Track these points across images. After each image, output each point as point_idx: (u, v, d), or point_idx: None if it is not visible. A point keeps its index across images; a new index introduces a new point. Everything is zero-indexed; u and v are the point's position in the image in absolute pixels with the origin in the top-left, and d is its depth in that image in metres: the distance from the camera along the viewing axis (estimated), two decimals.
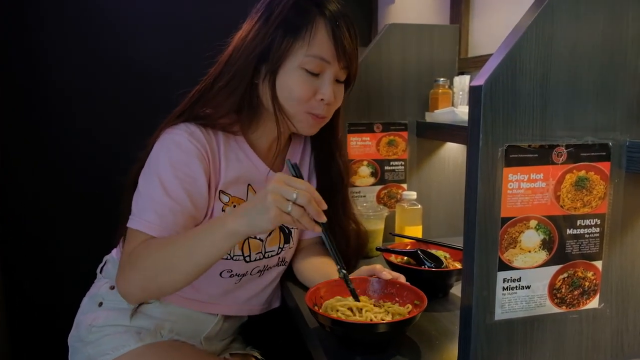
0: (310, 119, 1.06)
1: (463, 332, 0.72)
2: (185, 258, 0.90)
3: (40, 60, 1.95)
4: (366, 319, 0.91)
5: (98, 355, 1.07)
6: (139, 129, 1.15)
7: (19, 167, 1.97)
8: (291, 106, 1.04)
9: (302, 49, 1.01)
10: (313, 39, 1.00)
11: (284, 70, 1.02)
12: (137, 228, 0.98)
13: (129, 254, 0.96)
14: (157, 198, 0.98)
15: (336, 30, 1.01)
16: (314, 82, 1.03)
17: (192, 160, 1.01)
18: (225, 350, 1.24)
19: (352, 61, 1.05)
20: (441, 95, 1.42)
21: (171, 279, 0.93)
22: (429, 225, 1.53)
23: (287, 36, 1.00)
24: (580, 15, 0.67)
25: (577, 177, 0.71)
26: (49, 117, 1.98)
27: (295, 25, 1.00)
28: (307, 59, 1.01)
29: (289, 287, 1.21)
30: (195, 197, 1.01)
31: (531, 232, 0.70)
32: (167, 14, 2.05)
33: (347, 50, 1.03)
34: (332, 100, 1.05)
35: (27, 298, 2.03)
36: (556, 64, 0.67)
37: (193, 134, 1.02)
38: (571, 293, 0.74)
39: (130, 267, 0.95)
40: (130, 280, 0.95)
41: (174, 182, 0.99)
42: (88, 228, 1.98)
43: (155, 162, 1.02)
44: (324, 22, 1.01)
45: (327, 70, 1.03)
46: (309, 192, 0.84)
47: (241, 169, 1.09)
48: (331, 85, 1.04)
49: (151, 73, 2.03)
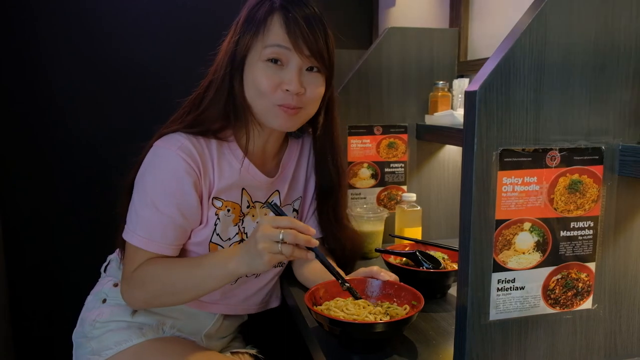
0: (281, 111, 1.05)
1: (458, 332, 0.73)
2: (189, 289, 1.02)
3: (38, 62, 1.97)
4: (364, 319, 0.92)
5: (102, 349, 1.09)
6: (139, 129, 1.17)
7: (20, 168, 1.99)
8: (259, 101, 1.06)
9: (260, 42, 1.04)
10: (268, 30, 1.03)
11: (248, 66, 1.06)
12: (136, 244, 1.04)
13: (132, 271, 1.04)
14: (149, 214, 1.03)
15: (288, 20, 1.02)
16: (278, 73, 1.04)
17: (181, 175, 1.04)
18: (226, 349, 1.26)
19: (315, 50, 1.04)
20: (440, 98, 1.44)
21: (173, 300, 1.07)
22: (429, 226, 1.54)
23: (247, 34, 1.04)
24: (574, 21, 0.68)
25: (571, 180, 0.72)
26: (48, 118, 2.00)
27: (253, 23, 1.04)
28: (266, 50, 1.03)
29: (289, 287, 1.23)
30: (185, 210, 1.05)
31: (525, 234, 0.71)
32: (168, 15, 2.06)
33: (306, 37, 1.03)
34: (299, 90, 1.04)
35: (31, 298, 2.05)
36: (550, 69, 0.69)
37: (183, 147, 1.04)
38: (565, 294, 0.75)
39: (134, 286, 1.05)
40: (136, 297, 1.06)
41: (164, 199, 1.03)
42: (90, 229, 2.01)
43: (146, 177, 1.05)
44: (278, 13, 1.04)
45: (291, 60, 1.04)
46: (294, 226, 0.91)
47: (234, 175, 1.11)
48: (297, 75, 1.03)
49: (151, 75, 2.05)
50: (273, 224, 0.91)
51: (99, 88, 2.02)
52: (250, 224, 1.15)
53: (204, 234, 1.10)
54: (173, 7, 2.06)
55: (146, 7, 2.04)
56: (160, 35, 2.06)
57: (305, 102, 1.07)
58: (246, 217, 1.14)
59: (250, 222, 1.15)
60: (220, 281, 1.00)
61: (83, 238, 2.03)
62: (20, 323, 2.03)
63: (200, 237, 1.10)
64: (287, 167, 1.22)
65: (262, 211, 1.17)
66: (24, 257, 2.02)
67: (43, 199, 2.02)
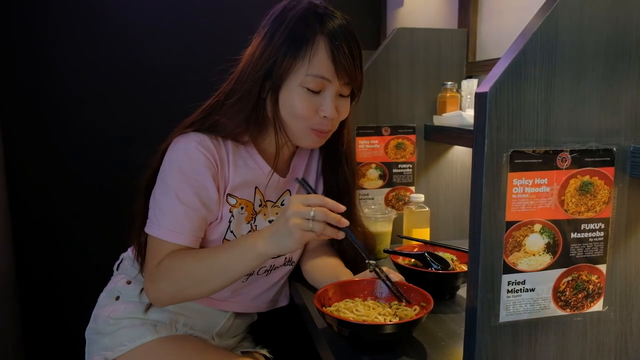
0: (314, 135, 1.08)
1: (468, 333, 0.73)
2: (217, 275, 0.99)
3: (52, 63, 1.98)
4: (374, 320, 0.92)
5: (115, 346, 1.10)
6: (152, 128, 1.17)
7: (33, 167, 2.01)
8: (294, 123, 1.07)
9: (302, 68, 1.02)
10: (313, 58, 1.02)
11: (286, 88, 1.04)
12: (160, 237, 1.03)
13: (157, 264, 1.03)
14: (172, 206, 1.03)
15: (335, 49, 1.02)
16: (315, 100, 1.05)
17: (201, 168, 1.04)
18: (236, 348, 1.27)
19: (354, 77, 1.06)
20: (449, 99, 1.43)
21: (199, 291, 1.03)
22: (437, 227, 1.54)
23: (289, 55, 1.02)
24: (585, 22, 0.68)
25: (582, 181, 0.72)
26: (62, 118, 2.02)
27: (297, 44, 1.02)
28: (308, 78, 1.02)
29: (297, 286, 1.23)
30: (206, 201, 1.05)
31: (536, 236, 0.71)
32: (182, 15, 2.07)
33: (348, 68, 1.04)
34: (335, 116, 1.07)
35: (43, 295, 2.07)
36: (560, 70, 0.68)
37: (202, 142, 1.05)
38: (575, 296, 0.75)
39: (161, 279, 1.02)
40: (161, 290, 1.03)
41: (187, 189, 1.03)
42: (102, 227, 2.02)
43: (168, 171, 1.06)
44: (324, 40, 1.02)
45: (328, 88, 1.05)
46: (324, 203, 0.90)
47: (249, 174, 1.12)
48: (333, 102, 1.05)
49: (164, 76, 2.06)
50: (304, 202, 0.90)
51: (112, 88, 2.04)
52: (262, 222, 1.16)
53: (218, 230, 1.11)
54: (187, 7, 2.07)
55: (160, 7, 2.05)
56: (174, 36, 2.07)
57: (335, 125, 1.11)
58: (258, 216, 1.16)
59: (262, 221, 1.16)
60: (249, 264, 0.97)
61: (96, 236, 2.04)
62: (32, 320, 2.05)
63: (214, 234, 1.11)
64: (298, 167, 1.23)
65: (274, 210, 1.18)
66: (37, 255, 2.04)
67: (56, 197, 2.04)
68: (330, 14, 1.06)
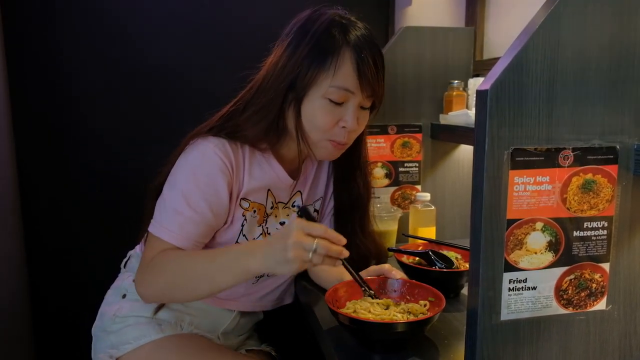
0: (331, 146, 1.07)
1: (469, 332, 0.73)
2: (204, 282, 0.97)
3: (59, 62, 2.00)
4: (390, 318, 0.92)
5: (120, 344, 1.11)
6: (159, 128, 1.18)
7: (41, 167, 2.03)
8: (314, 134, 1.06)
9: (326, 79, 1.01)
10: (338, 70, 1.01)
11: (309, 99, 1.03)
12: (159, 235, 1.03)
13: (150, 259, 1.02)
14: (179, 208, 1.02)
15: (361, 62, 1.01)
16: (337, 111, 1.04)
17: (216, 172, 1.03)
18: (242, 347, 1.28)
19: (376, 90, 1.06)
20: (455, 98, 1.43)
21: (185, 295, 1.03)
22: (443, 226, 1.54)
23: (313, 66, 1.01)
24: (588, 19, 0.68)
25: (584, 179, 0.71)
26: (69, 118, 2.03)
27: (322, 56, 1.01)
28: (332, 90, 1.01)
29: (301, 283, 1.24)
30: (215, 208, 1.04)
31: (537, 234, 0.71)
32: (189, 15, 2.08)
33: (372, 81, 1.03)
34: (355, 128, 1.06)
35: (51, 293, 2.09)
36: (563, 67, 0.68)
37: (219, 145, 1.04)
38: (578, 295, 0.74)
39: (150, 274, 1.02)
40: (148, 285, 1.02)
41: (196, 193, 1.02)
42: (109, 226, 2.04)
43: (180, 172, 1.05)
44: (350, 53, 1.01)
45: (351, 100, 1.04)
46: (327, 236, 0.87)
47: (264, 178, 1.11)
48: (355, 114, 1.04)
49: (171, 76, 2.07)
50: (307, 230, 0.86)
51: (118, 88, 2.05)
52: (272, 224, 1.16)
53: (230, 234, 1.11)
54: (195, 7, 2.08)
55: (167, 6, 2.06)
56: (181, 36, 2.07)
57: (352, 138, 1.10)
58: (269, 218, 1.16)
59: (273, 222, 1.16)
60: (239, 278, 0.94)
61: (103, 234, 2.06)
62: (40, 317, 2.08)
63: (225, 238, 1.11)
64: (309, 169, 1.23)
65: (284, 211, 1.18)
66: (45, 253, 2.06)
67: (64, 196, 2.06)
68: (354, 24, 1.05)
